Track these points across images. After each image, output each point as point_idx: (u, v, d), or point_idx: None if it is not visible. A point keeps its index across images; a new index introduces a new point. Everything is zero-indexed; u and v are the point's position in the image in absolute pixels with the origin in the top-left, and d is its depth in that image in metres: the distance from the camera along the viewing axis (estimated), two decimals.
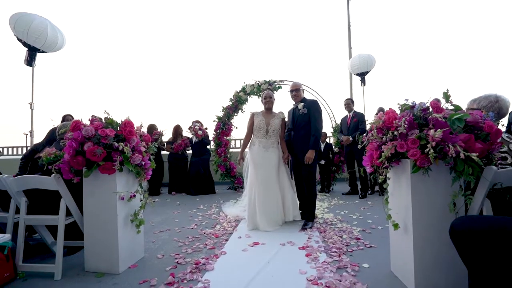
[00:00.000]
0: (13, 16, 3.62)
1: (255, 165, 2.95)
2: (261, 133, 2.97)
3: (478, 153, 1.33)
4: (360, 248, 2.29)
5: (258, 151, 2.94)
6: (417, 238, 1.54)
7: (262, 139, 2.96)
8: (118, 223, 1.96)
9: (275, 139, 3.00)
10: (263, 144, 2.95)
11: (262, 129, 2.96)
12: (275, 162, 2.96)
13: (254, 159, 2.96)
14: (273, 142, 2.98)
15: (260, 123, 2.97)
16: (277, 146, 3.02)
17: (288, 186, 3.02)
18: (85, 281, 1.86)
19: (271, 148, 2.96)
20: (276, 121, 2.99)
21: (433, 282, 1.52)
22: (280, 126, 3.01)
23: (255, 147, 2.98)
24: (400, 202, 1.67)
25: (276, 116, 3.04)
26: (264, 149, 2.93)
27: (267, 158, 2.92)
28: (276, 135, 3.00)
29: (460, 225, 1.19)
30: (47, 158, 1.94)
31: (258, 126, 2.97)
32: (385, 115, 1.63)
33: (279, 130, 3.02)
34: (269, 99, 3.03)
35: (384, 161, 1.61)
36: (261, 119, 2.99)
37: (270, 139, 2.97)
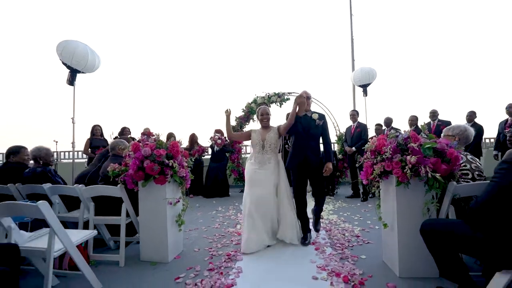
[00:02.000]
0: (60, 44, 4.21)
1: (249, 182, 2.82)
2: (257, 148, 2.87)
3: (441, 173, 1.84)
4: (359, 244, 2.80)
5: (253, 167, 2.84)
6: (400, 234, 2.04)
7: (258, 154, 2.86)
8: (167, 223, 2.49)
9: (271, 155, 2.86)
10: (259, 159, 2.84)
11: (258, 145, 2.86)
12: (271, 180, 2.81)
13: (249, 175, 2.85)
14: (269, 158, 2.84)
15: (256, 139, 2.87)
16: (275, 162, 2.87)
17: (287, 205, 2.85)
18: (143, 268, 2.40)
19: (267, 164, 2.82)
20: (272, 135, 2.86)
21: (412, 267, 2.03)
22: (277, 138, 2.89)
23: (251, 161, 2.90)
24: (388, 207, 2.18)
25: (272, 130, 2.91)
26: (259, 165, 2.81)
27: (261, 175, 2.79)
28: (273, 150, 2.87)
29: (426, 226, 1.70)
30: (113, 172, 2.49)
31: (255, 142, 2.88)
32: (377, 141, 2.14)
33: (277, 143, 2.90)
34: (266, 116, 2.91)
35: (376, 176, 2.12)
36: (258, 135, 2.89)
37: (267, 155, 2.84)
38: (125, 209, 2.53)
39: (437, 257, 1.71)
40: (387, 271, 2.18)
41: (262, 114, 2.92)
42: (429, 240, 1.69)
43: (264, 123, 2.92)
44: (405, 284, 1.96)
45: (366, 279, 2.04)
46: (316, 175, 2.91)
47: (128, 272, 2.34)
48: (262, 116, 2.91)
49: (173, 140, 5.97)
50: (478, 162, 2.10)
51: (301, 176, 2.91)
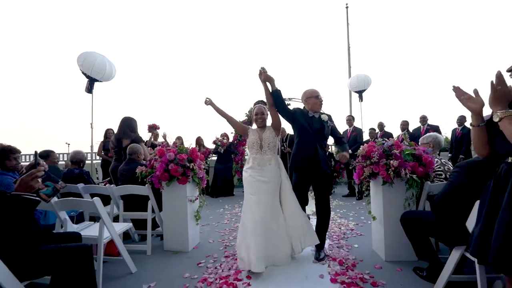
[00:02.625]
0: (81, 55, 4.60)
1: (250, 187, 2.53)
2: (255, 149, 2.61)
3: (418, 174, 2.26)
4: (353, 236, 3.22)
5: (253, 170, 2.55)
6: (386, 225, 2.46)
7: (257, 155, 2.59)
8: (187, 217, 2.89)
9: (271, 155, 2.60)
10: (258, 161, 2.57)
11: (256, 145, 2.60)
12: (274, 182, 2.54)
13: (249, 180, 2.55)
14: (269, 158, 2.58)
15: (253, 139, 2.62)
16: (276, 163, 2.61)
17: (296, 207, 2.58)
18: (167, 256, 2.80)
19: (268, 165, 2.55)
20: (268, 133, 2.62)
21: (396, 252, 2.44)
22: (274, 136, 2.64)
23: (249, 165, 2.61)
24: (376, 203, 2.59)
25: (268, 128, 2.67)
26: (259, 167, 2.54)
27: (264, 178, 2.51)
28: (272, 150, 2.62)
29: (404, 216, 2.12)
30: (142, 174, 2.88)
31: (252, 143, 2.62)
32: (367, 147, 2.56)
33: (275, 142, 2.64)
34: (261, 116, 2.66)
35: (366, 177, 2.53)
36: (255, 133, 2.65)
37: (266, 155, 2.58)
38: (151, 205, 2.92)
39: (413, 241, 2.12)
40: (375, 256, 2.60)
41: (256, 113, 2.67)
42: (406, 227, 2.11)
43: (259, 123, 2.67)
44: (390, 266, 2.37)
45: (357, 263, 2.46)
46: (324, 180, 2.61)
47: (155, 259, 2.73)
48: (257, 116, 2.67)
49: (181, 142, 6.35)
50: (450, 165, 2.53)
51: (306, 181, 2.66)
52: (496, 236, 1.15)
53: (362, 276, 2.17)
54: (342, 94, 7.91)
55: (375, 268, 2.34)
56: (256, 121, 2.68)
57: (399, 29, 13.63)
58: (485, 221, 1.23)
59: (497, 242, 1.14)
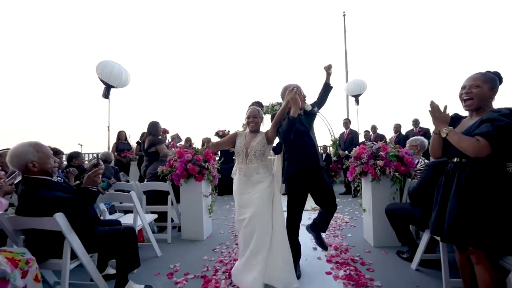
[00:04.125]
0: (100, 64, 5.01)
1: (237, 200, 2.27)
2: (240, 157, 2.30)
3: (401, 172, 2.69)
4: (347, 227, 3.65)
5: (239, 182, 2.28)
6: (374, 216, 2.88)
7: (242, 165, 2.27)
8: (202, 211, 3.31)
9: (258, 164, 2.24)
10: (244, 171, 2.24)
11: (241, 153, 2.28)
12: (263, 195, 2.16)
13: (236, 191, 2.29)
14: (256, 167, 2.22)
15: (239, 146, 2.30)
16: (265, 171, 2.25)
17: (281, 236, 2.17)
18: (185, 244, 3.21)
19: (255, 175, 2.21)
20: (258, 140, 2.26)
21: (383, 239, 2.87)
22: (264, 144, 2.25)
23: (236, 176, 2.33)
24: (366, 197, 3.02)
25: (259, 135, 2.32)
26: (246, 178, 2.22)
27: (250, 190, 2.20)
28: (259, 159, 2.25)
29: (387, 208, 2.55)
30: (163, 172, 3.30)
31: (238, 150, 2.31)
32: (359, 149, 2.99)
33: (264, 150, 2.26)
34: (253, 119, 2.32)
35: (357, 175, 2.96)
36: (242, 140, 2.32)
37: (252, 164, 2.23)
38: (171, 199, 3.34)
39: (396, 229, 2.55)
40: (365, 243, 3.03)
41: (249, 116, 2.35)
42: (390, 217, 2.54)
43: (252, 127, 2.34)
44: (377, 250, 2.80)
45: (350, 248, 2.89)
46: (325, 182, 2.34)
47: (175, 246, 3.15)
48: (249, 119, 2.34)
49: (190, 144, 6.75)
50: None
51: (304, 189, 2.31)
52: (448, 216, 1.57)
53: (353, 257, 2.60)
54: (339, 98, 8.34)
55: (365, 252, 2.77)
56: (248, 124, 2.36)
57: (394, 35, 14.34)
58: (439, 207, 1.66)
59: (449, 221, 1.56)
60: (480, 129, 1.44)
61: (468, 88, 1.52)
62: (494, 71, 1.55)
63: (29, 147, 1.71)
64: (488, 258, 1.47)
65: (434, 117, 1.59)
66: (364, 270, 2.35)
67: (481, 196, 1.45)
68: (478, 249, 1.48)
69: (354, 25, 9.61)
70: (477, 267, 1.50)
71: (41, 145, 1.77)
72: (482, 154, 1.41)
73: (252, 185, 2.22)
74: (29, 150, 1.70)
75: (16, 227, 1.71)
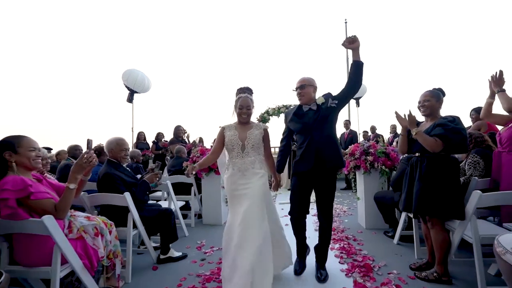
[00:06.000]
0: (125, 72, 5.64)
1: (231, 198, 2.11)
2: (235, 152, 2.11)
3: (387, 166, 3.24)
4: (345, 215, 4.21)
5: (233, 177, 2.09)
6: (366, 203, 3.44)
7: (237, 159, 2.09)
8: (221, 199, 3.91)
9: (255, 158, 2.11)
10: (239, 166, 2.07)
11: (236, 146, 2.10)
12: (259, 191, 2.03)
13: (229, 189, 2.11)
14: (252, 161, 2.09)
15: (232, 139, 2.11)
16: (261, 167, 2.13)
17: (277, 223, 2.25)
18: (207, 227, 3.81)
19: (251, 170, 2.07)
20: (256, 132, 2.13)
21: (373, 222, 3.43)
22: (261, 139, 2.15)
23: (228, 172, 2.14)
24: (360, 187, 3.59)
25: (255, 126, 2.17)
26: (241, 173, 2.07)
27: (246, 186, 2.04)
28: (256, 152, 2.13)
29: (376, 195, 3.11)
30: (187, 166, 3.90)
31: (231, 143, 2.11)
32: (353, 147, 3.55)
33: (261, 144, 2.16)
34: (247, 110, 2.12)
35: (352, 168, 3.52)
36: (234, 133, 2.13)
37: (248, 157, 2.09)
38: (193, 190, 3.95)
39: (382, 212, 3.11)
40: (359, 226, 3.59)
41: (241, 106, 2.11)
42: (377, 202, 3.10)
43: (244, 119, 2.15)
44: (368, 231, 3.36)
45: (345, 229, 3.45)
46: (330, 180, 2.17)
47: (198, 229, 3.75)
48: (242, 110, 2.11)
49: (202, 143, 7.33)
50: None
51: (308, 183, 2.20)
52: (415, 196, 2.12)
53: (347, 236, 3.17)
54: None
55: (358, 232, 3.33)
56: (240, 115, 2.13)
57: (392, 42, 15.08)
58: (407, 190, 2.21)
59: (415, 200, 2.11)
60: (435, 131, 1.99)
61: (422, 102, 2.09)
62: (439, 88, 2.12)
63: (114, 140, 2.51)
64: (440, 223, 2.03)
65: (410, 121, 2.09)
66: (355, 244, 2.92)
67: (436, 180, 2.01)
68: (433, 217, 2.04)
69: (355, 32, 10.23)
70: (432, 230, 2.06)
71: (120, 141, 2.53)
72: (438, 150, 1.96)
73: (246, 180, 2.06)
74: (113, 142, 2.50)
75: (95, 203, 2.34)
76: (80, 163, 1.75)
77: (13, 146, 1.57)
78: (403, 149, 2.25)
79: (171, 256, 2.61)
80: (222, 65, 18.02)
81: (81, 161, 1.75)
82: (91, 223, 1.82)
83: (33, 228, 1.52)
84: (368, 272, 2.25)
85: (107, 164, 2.47)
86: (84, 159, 1.75)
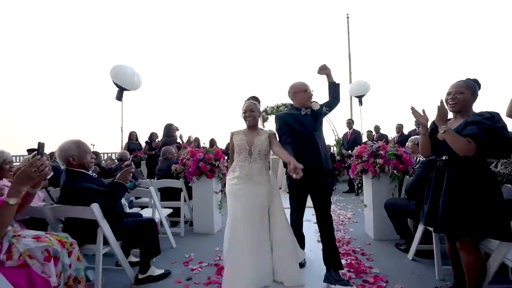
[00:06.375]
0: (114, 68, 5.28)
1: (234, 200, 2.14)
2: (242, 155, 2.19)
3: (399, 170, 2.88)
4: (350, 223, 3.85)
5: (238, 180, 2.15)
6: (375, 211, 3.08)
7: (245, 163, 2.17)
8: (213, 206, 3.54)
9: (262, 164, 2.20)
10: (246, 171, 2.15)
11: (244, 151, 2.18)
12: (263, 198, 2.13)
13: (233, 192, 2.15)
14: (260, 168, 2.17)
15: (240, 144, 2.19)
16: (267, 176, 2.22)
17: (286, 230, 2.22)
18: (198, 236, 3.45)
19: (258, 176, 2.14)
20: (262, 139, 2.20)
21: (382, 232, 3.06)
22: (267, 144, 2.21)
23: (235, 174, 2.19)
24: (367, 193, 3.22)
25: (262, 132, 2.26)
26: (247, 177, 2.13)
27: (251, 191, 2.10)
28: (263, 159, 2.21)
29: (386, 203, 2.74)
30: (176, 170, 3.54)
31: (239, 147, 2.20)
32: (360, 149, 3.18)
33: (268, 150, 2.25)
34: (250, 113, 2.21)
35: (358, 172, 3.16)
36: (242, 137, 2.22)
37: (256, 164, 2.16)
38: (183, 196, 3.58)
39: (394, 222, 2.75)
40: (366, 236, 3.23)
41: (245, 111, 2.23)
42: (388, 211, 2.73)
43: (249, 122, 2.24)
44: (377, 243, 2.99)
45: (351, 240, 3.09)
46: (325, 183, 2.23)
47: (188, 239, 3.38)
48: (245, 114, 2.23)
49: (198, 143, 6.98)
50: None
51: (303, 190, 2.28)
52: (441, 208, 1.76)
53: (354, 249, 2.80)
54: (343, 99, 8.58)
55: (365, 244, 2.97)
56: (245, 119, 2.25)
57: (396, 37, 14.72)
58: (431, 200, 1.85)
59: (441, 212, 1.75)
60: (467, 131, 1.63)
61: (453, 94, 1.72)
62: (474, 78, 1.74)
63: (72, 144, 2.00)
64: (472, 243, 1.67)
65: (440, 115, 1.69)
66: (364, 260, 2.55)
67: (469, 190, 1.64)
68: (465, 236, 1.67)
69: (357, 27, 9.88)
70: (462, 252, 1.69)
71: (82, 143, 2.04)
72: (471, 154, 1.60)
73: (252, 186, 2.11)
74: (72, 146, 1.98)
75: (57, 216, 1.96)
76: (28, 172, 1.38)
77: None
78: (427, 152, 1.88)
79: (151, 275, 2.24)
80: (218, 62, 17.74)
81: (29, 169, 1.38)
82: (40, 245, 1.45)
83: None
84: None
85: (67, 176, 1.99)
86: (33, 166, 1.38)
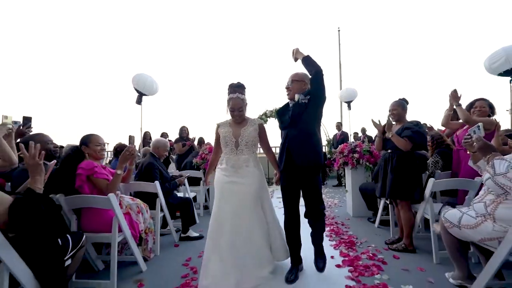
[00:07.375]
0: (135, 76, 6.08)
1: (220, 192, 2.15)
2: (228, 148, 2.16)
3: (371, 162, 3.81)
4: (336, 207, 4.77)
5: (224, 172, 2.14)
6: (353, 194, 4.00)
7: (231, 155, 2.16)
8: None
9: (249, 156, 2.16)
10: (232, 162, 2.14)
11: (230, 143, 2.15)
12: (251, 189, 2.11)
13: (221, 181, 2.15)
14: (246, 159, 2.14)
15: (226, 136, 2.16)
16: (255, 165, 2.19)
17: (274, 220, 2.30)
18: None
19: (244, 168, 2.12)
20: (250, 129, 2.16)
21: (359, 211, 3.98)
22: (256, 135, 2.19)
23: (221, 167, 2.20)
24: (348, 180, 4.15)
25: (250, 122, 2.20)
26: (233, 169, 2.12)
27: (237, 183, 2.09)
28: (251, 150, 2.18)
29: (360, 186, 3.67)
30: (197, 163, 4.41)
31: (225, 140, 2.16)
32: (342, 146, 4.11)
33: (257, 141, 2.22)
34: (238, 113, 2.15)
35: (341, 164, 4.08)
36: (228, 130, 2.18)
37: (242, 155, 2.14)
38: (202, 183, 4.46)
39: (366, 200, 3.67)
40: (347, 214, 4.16)
41: (232, 109, 2.15)
42: (362, 192, 3.65)
43: (237, 120, 2.19)
44: (354, 219, 3.91)
45: (334, 217, 4.00)
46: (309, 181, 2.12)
47: (206, 218, 4.24)
48: (233, 112, 2.16)
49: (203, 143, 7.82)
50: None
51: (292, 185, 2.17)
52: (388, 184, 2.67)
53: (336, 221, 3.72)
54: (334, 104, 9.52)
55: (346, 219, 3.88)
56: (233, 116, 2.19)
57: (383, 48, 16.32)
58: (382, 180, 2.77)
59: (389, 187, 2.66)
60: (405, 133, 2.55)
61: (391, 110, 2.67)
62: (403, 98, 2.71)
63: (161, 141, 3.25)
64: (407, 205, 2.59)
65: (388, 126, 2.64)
66: (343, 228, 3.47)
67: (404, 171, 2.56)
68: (402, 200, 2.59)
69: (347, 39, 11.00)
70: (401, 211, 2.62)
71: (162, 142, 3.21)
72: (408, 148, 2.52)
73: (238, 178, 2.11)
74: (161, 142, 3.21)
75: (129, 190, 2.84)
76: (125, 155, 2.26)
77: (86, 142, 2.10)
78: (379, 147, 2.81)
79: (189, 236, 3.12)
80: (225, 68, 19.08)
81: (125, 153, 2.26)
82: (134, 203, 2.33)
83: (99, 203, 2.00)
84: (351, 245, 2.79)
85: (151, 156, 3.12)
86: (127, 151, 2.26)
